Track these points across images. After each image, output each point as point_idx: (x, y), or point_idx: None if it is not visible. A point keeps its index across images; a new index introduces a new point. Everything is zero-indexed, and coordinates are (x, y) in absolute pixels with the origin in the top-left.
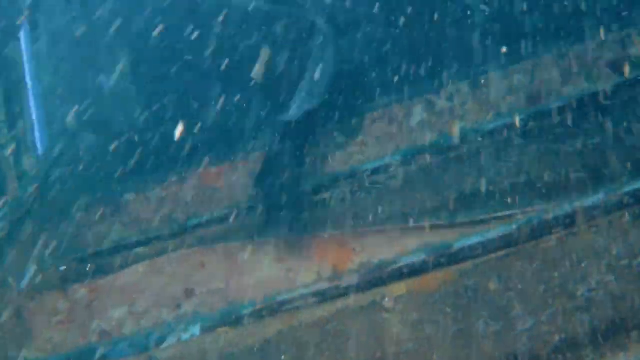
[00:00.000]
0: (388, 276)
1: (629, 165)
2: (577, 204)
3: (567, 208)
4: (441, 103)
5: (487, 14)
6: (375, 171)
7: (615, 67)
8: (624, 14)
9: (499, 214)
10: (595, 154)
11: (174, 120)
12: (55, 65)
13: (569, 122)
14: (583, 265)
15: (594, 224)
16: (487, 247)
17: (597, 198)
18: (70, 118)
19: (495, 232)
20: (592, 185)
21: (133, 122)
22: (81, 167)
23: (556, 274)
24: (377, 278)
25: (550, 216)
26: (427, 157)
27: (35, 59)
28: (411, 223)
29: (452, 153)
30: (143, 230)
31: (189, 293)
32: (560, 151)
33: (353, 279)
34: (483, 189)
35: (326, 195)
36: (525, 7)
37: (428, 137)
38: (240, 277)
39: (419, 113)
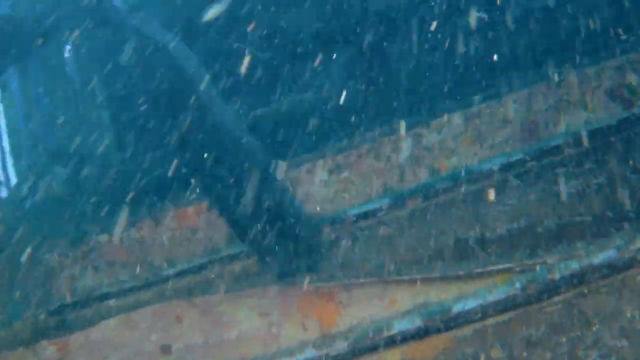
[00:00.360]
0: (381, 343)
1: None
2: (585, 261)
3: (574, 265)
4: (431, 136)
5: (485, 21)
6: (362, 216)
7: (615, 95)
8: (623, 38)
9: (498, 267)
10: (600, 196)
11: (147, 153)
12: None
13: (570, 161)
14: (594, 329)
15: (604, 282)
16: (488, 311)
17: (608, 254)
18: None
19: (496, 293)
20: (598, 231)
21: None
22: (52, 206)
23: (564, 339)
24: (368, 345)
25: (556, 275)
26: (418, 200)
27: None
28: (402, 275)
29: (444, 196)
30: (116, 280)
31: (165, 349)
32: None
33: (342, 346)
34: (479, 236)
35: (311, 241)
36: (519, 33)
37: (418, 174)
38: (220, 332)
39: (407, 147)
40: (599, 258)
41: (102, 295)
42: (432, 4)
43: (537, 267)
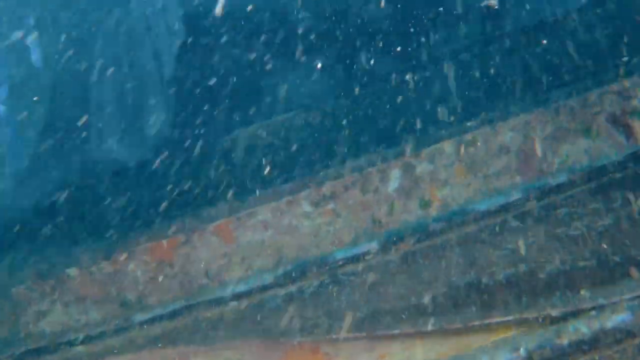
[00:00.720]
0: None
1: None
2: (597, 324)
3: (584, 330)
4: (422, 166)
5: (496, 7)
6: (349, 260)
7: (617, 122)
8: (625, 60)
9: (497, 320)
10: (606, 238)
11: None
12: None
13: (574, 201)
14: None
15: (619, 348)
16: None
17: (621, 317)
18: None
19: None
20: (604, 277)
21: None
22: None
23: None
24: None
25: (564, 341)
26: (410, 242)
27: None
28: (392, 327)
29: (437, 238)
30: (87, 318)
31: None
32: (564, 236)
33: None
34: (475, 283)
35: (292, 287)
36: (516, 55)
37: (408, 206)
38: None
39: (396, 178)
40: (612, 321)
41: (70, 341)
42: (425, 23)
43: (540, 319)
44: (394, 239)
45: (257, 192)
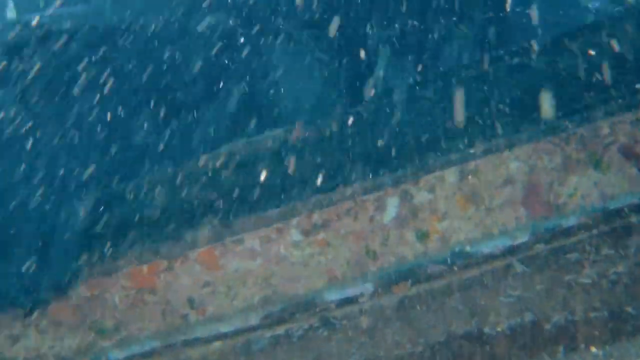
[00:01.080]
0: None
1: None
2: None
3: None
4: (420, 195)
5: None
6: (341, 302)
7: (630, 153)
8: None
9: None
10: (619, 288)
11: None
12: None
13: (585, 245)
14: None
15: None
16: None
17: None
18: None
19: None
20: (616, 330)
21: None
22: None
23: None
24: None
25: None
26: (406, 285)
27: None
28: None
29: (437, 281)
30: (61, 345)
31: None
32: (574, 283)
33: None
34: (476, 333)
35: (280, 329)
36: (523, 79)
37: (404, 238)
38: None
39: (393, 207)
40: None
41: None
42: (425, 40)
43: None
44: (390, 279)
45: (245, 217)
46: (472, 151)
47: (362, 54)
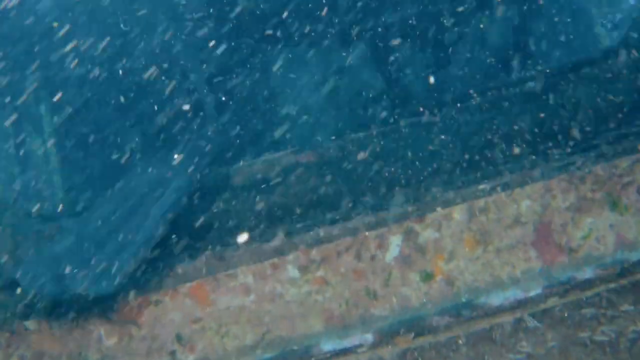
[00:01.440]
0: None
1: None
2: None
3: None
4: (426, 233)
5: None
6: (339, 353)
7: None
8: None
9: None
10: (637, 347)
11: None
12: None
13: (602, 300)
14: None
15: None
16: None
17: None
18: None
19: None
20: None
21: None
22: None
23: None
24: None
25: None
26: (409, 337)
27: None
28: None
29: (442, 333)
30: None
31: None
32: (589, 341)
33: None
34: None
35: None
36: (535, 114)
37: (407, 278)
38: None
39: (396, 245)
40: None
41: None
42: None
43: None
44: (391, 328)
45: (239, 250)
46: (481, 187)
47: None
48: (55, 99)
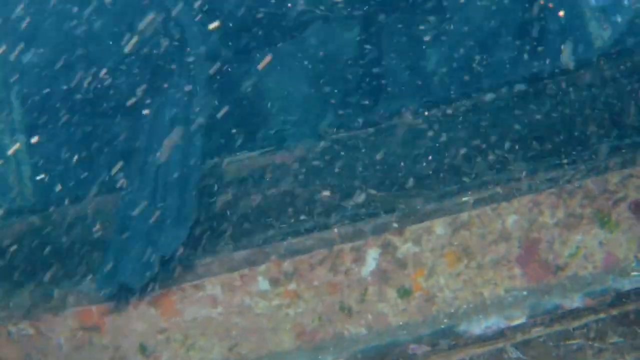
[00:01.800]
0: None
1: None
2: None
3: None
4: (404, 247)
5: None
6: None
7: None
8: None
9: None
10: None
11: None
12: None
13: (589, 331)
14: None
15: None
16: None
17: None
18: None
19: None
20: None
21: None
22: None
23: None
24: None
25: None
26: None
27: None
28: None
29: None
30: None
31: None
32: None
33: None
34: None
35: None
36: (524, 123)
37: (383, 294)
38: None
39: (373, 258)
40: None
41: None
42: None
43: None
44: (366, 356)
45: (206, 259)
46: (465, 200)
47: None
48: None
